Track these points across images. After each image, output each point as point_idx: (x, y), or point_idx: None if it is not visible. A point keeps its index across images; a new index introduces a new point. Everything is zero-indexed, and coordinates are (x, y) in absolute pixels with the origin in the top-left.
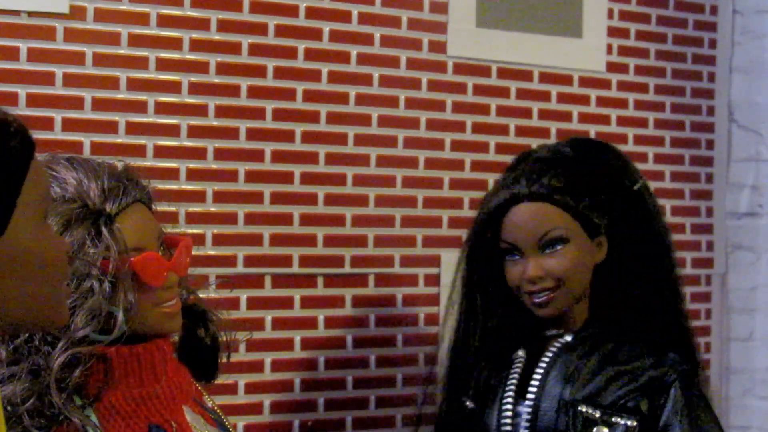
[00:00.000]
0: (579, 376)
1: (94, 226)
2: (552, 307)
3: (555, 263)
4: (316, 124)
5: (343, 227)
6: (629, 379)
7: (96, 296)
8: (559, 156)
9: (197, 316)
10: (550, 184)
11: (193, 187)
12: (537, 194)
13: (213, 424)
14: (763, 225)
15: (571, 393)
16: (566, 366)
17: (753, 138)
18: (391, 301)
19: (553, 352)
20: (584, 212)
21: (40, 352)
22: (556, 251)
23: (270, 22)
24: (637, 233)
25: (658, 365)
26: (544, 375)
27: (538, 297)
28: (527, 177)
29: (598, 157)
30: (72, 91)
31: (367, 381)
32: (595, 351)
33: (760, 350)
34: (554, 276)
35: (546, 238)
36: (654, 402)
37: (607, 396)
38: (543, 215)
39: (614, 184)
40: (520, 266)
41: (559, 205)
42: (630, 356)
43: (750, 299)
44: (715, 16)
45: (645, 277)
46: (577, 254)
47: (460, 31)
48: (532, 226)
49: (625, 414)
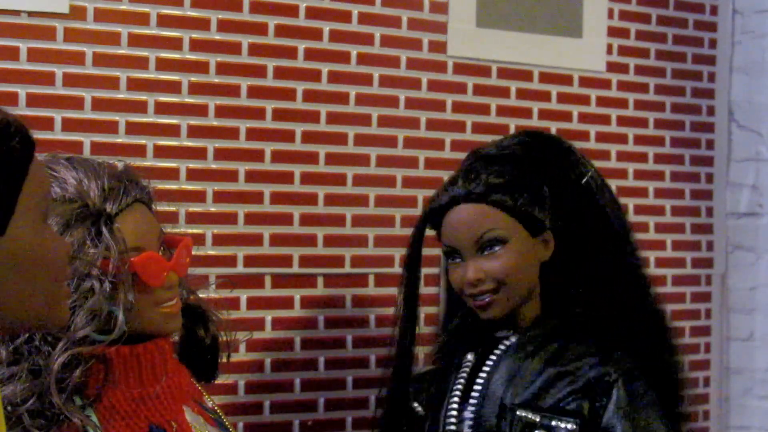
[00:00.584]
0: (520, 378)
1: (94, 226)
2: (494, 309)
3: (494, 265)
4: (316, 124)
5: (343, 227)
6: (570, 380)
7: (96, 296)
8: (502, 152)
9: (197, 316)
10: (487, 182)
11: (193, 187)
12: (473, 195)
13: (213, 424)
14: (763, 225)
15: (512, 396)
16: (509, 368)
17: (753, 138)
18: (391, 301)
19: (498, 353)
20: (524, 210)
21: (40, 352)
22: (494, 252)
23: (270, 22)
24: (584, 228)
25: (601, 364)
26: (487, 378)
27: (480, 300)
28: (464, 177)
29: (541, 151)
30: (72, 91)
31: (367, 381)
32: (540, 351)
33: (760, 350)
34: (494, 278)
35: (483, 240)
36: (595, 403)
37: (547, 398)
38: (478, 216)
39: (558, 178)
40: (461, 269)
41: (495, 205)
42: (575, 356)
43: (750, 299)
44: (715, 16)
45: (594, 272)
46: (517, 254)
47: (460, 31)
48: (468, 228)
49: (566, 417)
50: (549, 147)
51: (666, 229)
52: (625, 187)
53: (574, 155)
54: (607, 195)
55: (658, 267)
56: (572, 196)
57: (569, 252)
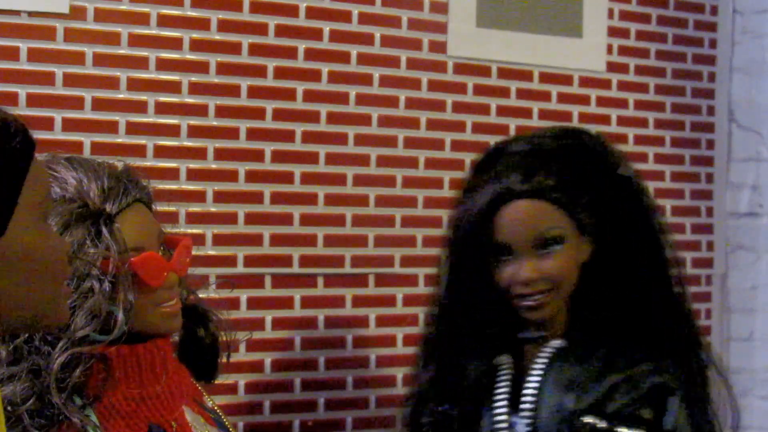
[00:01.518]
0: (579, 383)
1: (94, 226)
2: (545, 311)
3: (551, 265)
4: (316, 124)
5: (343, 227)
6: (632, 387)
7: (96, 296)
8: (546, 149)
9: (197, 316)
10: (545, 180)
11: (193, 187)
12: (533, 191)
13: (213, 424)
14: (763, 225)
15: (574, 402)
16: (562, 373)
17: (753, 138)
18: (391, 301)
19: (546, 358)
20: (579, 209)
21: (40, 352)
22: (551, 252)
23: (270, 22)
24: (626, 230)
25: (660, 371)
26: (540, 383)
27: (531, 300)
28: (520, 172)
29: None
30: (72, 91)
31: (367, 381)
32: (591, 356)
33: (760, 350)
34: (549, 278)
35: (542, 238)
36: (657, 410)
37: (611, 404)
38: (539, 214)
39: (603, 179)
40: (512, 267)
41: (556, 203)
42: (628, 362)
43: (750, 299)
44: (715, 16)
45: (635, 276)
46: (571, 255)
47: (460, 31)
48: (528, 225)
49: (631, 423)
50: (593, 146)
51: None
52: None
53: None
54: (646, 197)
55: None
56: (616, 198)
57: (606, 254)
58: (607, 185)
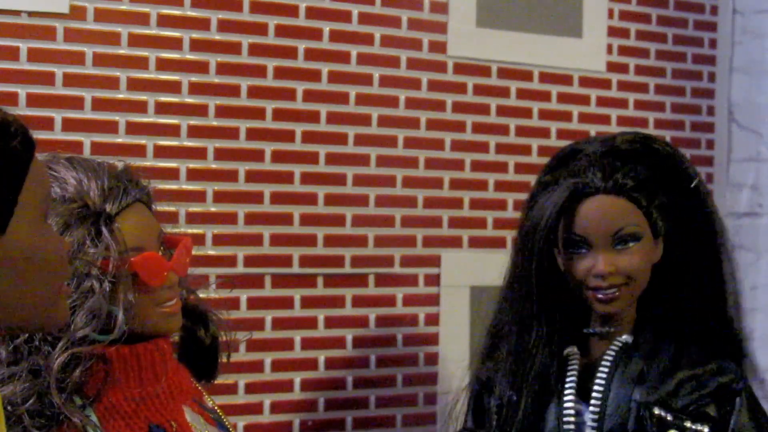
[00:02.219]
0: (648, 378)
1: (94, 226)
2: (616, 304)
3: (627, 260)
4: (316, 124)
5: (343, 227)
6: (699, 384)
7: (96, 296)
8: (627, 150)
9: (197, 316)
10: (626, 179)
11: (193, 187)
12: (614, 188)
13: (213, 424)
14: (763, 225)
15: (643, 395)
16: (630, 367)
17: (753, 138)
18: (391, 301)
19: (615, 352)
20: (653, 211)
21: (40, 352)
22: (627, 248)
23: (270, 22)
24: (696, 236)
25: (724, 371)
26: (609, 376)
27: (605, 293)
28: (601, 170)
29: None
30: (72, 91)
31: (367, 381)
32: (658, 353)
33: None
34: (624, 273)
35: (621, 234)
36: (722, 409)
37: (677, 400)
38: (619, 210)
39: (674, 183)
40: (589, 260)
41: (635, 202)
42: (693, 361)
43: (750, 299)
44: (715, 16)
45: (701, 280)
46: (646, 253)
47: (460, 31)
48: (607, 220)
49: (697, 420)
50: (665, 151)
51: None
52: None
53: (686, 161)
54: (713, 204)
55: None
56: (688, 203)
57: (675, 257)
58: (679, 192)
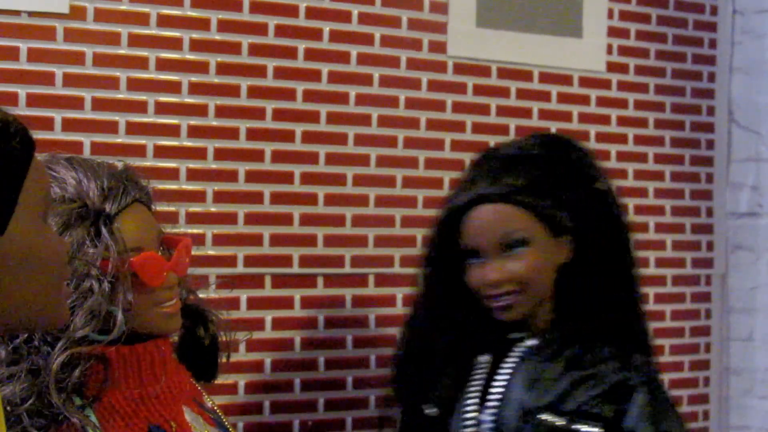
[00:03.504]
0: (542, 381)
1: (93, 226)
2: (514, 311)
3: (517, 266)
4: (316, 124)
5: (343, 227)
6: (593, 384)
7: (95, 296)
8: (522, 153)
9: (197, 316)
10: (512, 183)
11: (193, 187)
12: (498, 194)
13: (213, 424)
14: (763, 225)
15: (533, 400)
16: (529, 371)
17: (753, 138)
18: (391, 301)
19: (516, 356)
20: (547, 212)
21: (39, 352)
22: (517, 253)
23: (270, 22)
24: (602, 232)
25: (623, 369)
26: (507, 381)
27: (500, 301)
28: (488, 176)
29: (562, 153)
30: (72, 91)
31: (367, 381)
32: (560, 355)
33: (760, 350)
34: (516, 279)
35: (507, 240)
36: (618, 407)
37: (570, 402)
38: (504, 217)
39: (579, 181)
40: (481, 269)
41: (520, 206)
42: (594, 360)
43: (750, 299)
44: (715, 16)
45: (610, 277)
46: (539, 256)
47: (460, 31)
48: (492, 228)
49: (590, 420)
50: (567, 150)
51: (666, 229)
52: (625, 187)
53: (592, 159)
54: (618, 199)
55: (658, 267)
56: (590, 199)
57: (583, 255)
58: (583, 194)
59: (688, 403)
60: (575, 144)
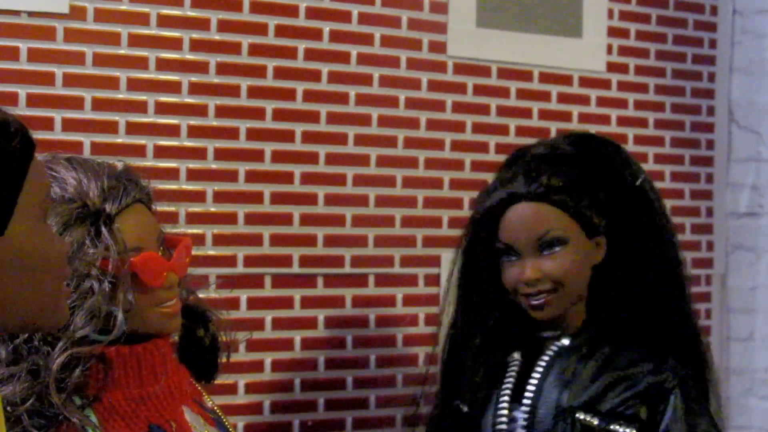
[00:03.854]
0: (577, 381)
1: (93, 226)
2: (549, 310)
3: (553, 265)
4: (316, 124)
5: (343, 227)
6: (628, 386)
7: (95, 296)
8: (559, 153)
9: (197, 316)
10: (549, 183)
11: (193, 187)
12: (535, 194)
13: (213, 424)
14: (763, 225)
15: (569, 399)
16: (563, 370)
17: (753, 138)
18: (391, 301)
19: (550, 355)
20: (583, 212)
21: (39, 352)
22: (554, 253)
23: (270, 22)
24: (638, 232)
25: (658, 371)
26: (541, 379)
27: (535, 299)
28: (525, 175)
29: (598, 153)
30: (72, 91)
31: (367, 381)
32: (593, 355)
33: (760, 350)
34: (552, 278)
35: (544, 240)
36: (653, 409)
37: (605, 402)
38: (541, 216)
39: (615, 181)
40: (517, 267)
41: (557, 206)
42: (629, 361)
43: (750, 299)
44: (715, 16)
45: (646, 277)
46: (575, 256)
47: (460, 31)
48: (529, 226)
49: (624, 422)
50: (603, 149)
51: None
52: None
53: (628, 158)
54: (658, 199)
55: None
56: (626, 199)
57: (619, 256)
58: (621, 192)
59: None
60: (610, 143)
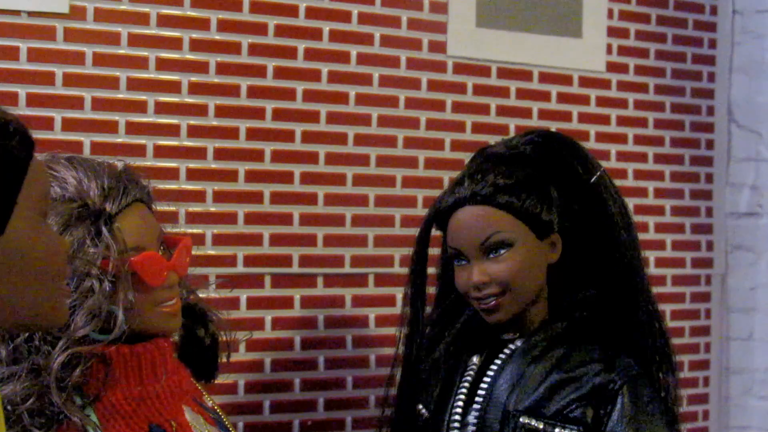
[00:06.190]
0: (525, 383)
1: (94, 225)
2: (501, 313)
3: (499, 268)
4: (316, 124)
5: (343, 227)
6: (575, 387)
7: (96, 296)
8: (510, 152)
9: (197, 315)
10: (494, 183)
11: (193, 187)
12: (479, 196)
13: (213, 423)
14: (763, 225)
15: (516, 402)
16: (513, 373)
17: (753, 138)
18: (390, 301)
19: (502, 358)
20: (530, 212)
21: (40, 352)
22: (500, 256)
23: (270, 22)
24: (592, 229)
25: (606, 371)
26: (491, 383)
27: (485, 303)
28: (471, 177)
29: (552, 150)
30: (72, 91)
31: (367, 381)
32: (545, 356)
33: (760, 350)
34: (498, 282)
35: (488, 243)
36: (599, 410)
37: (552, 405)
38: (485, 219)
39: (569, 178)
40: (466, 272)
41: (501, 207)
42: (580, 362)
43: (750, 299)
44: (715, 16)
45: (601, 275)
46: (523, 257)
47: (460, 31)
48: (473, 230)
49: (569, 424)
50: (558, 146)
51: (666, 229)
52: (625, 187)
53: (584, 154)
54: (614, 196)
55: (658, 267)
56: (579, 196)
57: (576, 254)
58: (572, 185)
59: (688, 403)
60: (567, 139)
